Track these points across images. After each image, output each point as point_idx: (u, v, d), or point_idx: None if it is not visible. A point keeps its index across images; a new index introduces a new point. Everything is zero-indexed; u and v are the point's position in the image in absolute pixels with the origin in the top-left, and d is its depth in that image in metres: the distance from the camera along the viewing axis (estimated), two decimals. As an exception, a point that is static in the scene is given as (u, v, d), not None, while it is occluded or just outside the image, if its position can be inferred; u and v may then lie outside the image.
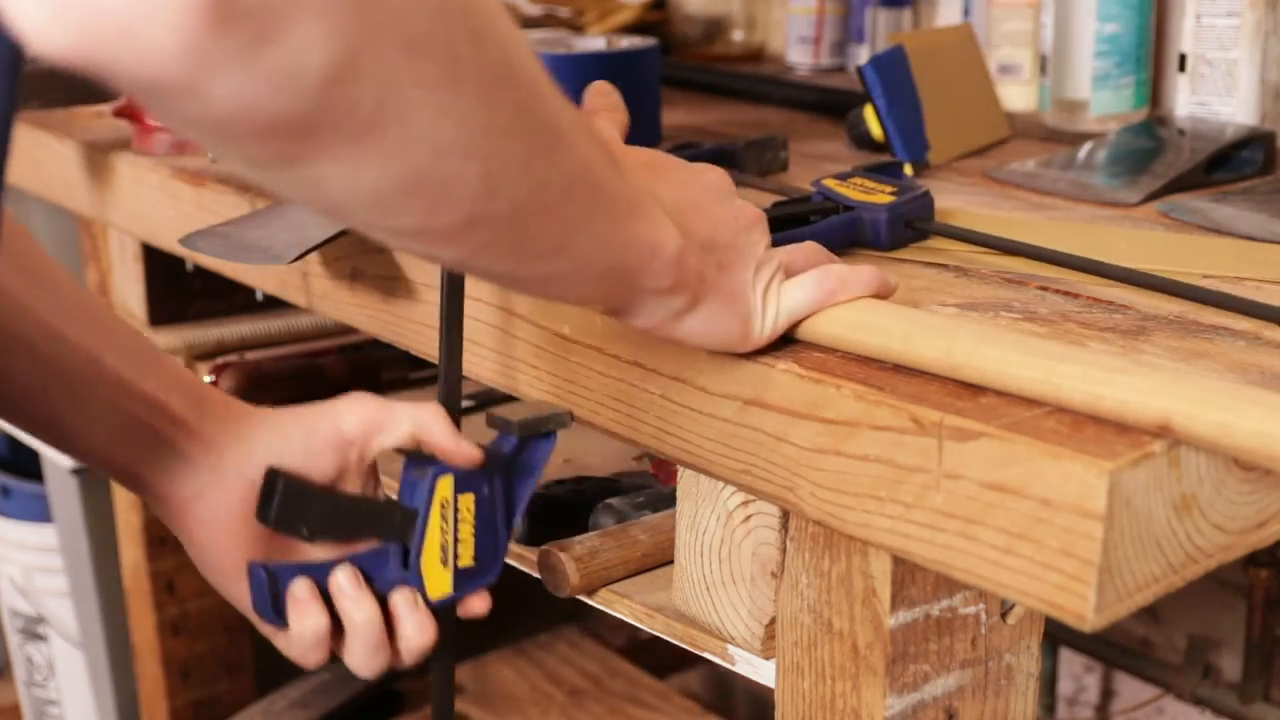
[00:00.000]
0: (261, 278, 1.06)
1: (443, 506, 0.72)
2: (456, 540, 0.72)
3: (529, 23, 1.76)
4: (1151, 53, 1.23)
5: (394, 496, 0.74)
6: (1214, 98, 1.13)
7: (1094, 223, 0.92)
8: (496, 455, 0.73)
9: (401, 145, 0.47)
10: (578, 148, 0.54)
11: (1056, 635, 1.48)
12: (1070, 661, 1.57)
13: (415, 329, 0.90)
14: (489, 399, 1.18)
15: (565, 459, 1.01)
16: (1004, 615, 0.69)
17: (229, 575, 0.72)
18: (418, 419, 0.71)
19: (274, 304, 1.28)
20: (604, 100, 0.74)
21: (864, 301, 0.67)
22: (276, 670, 1.66)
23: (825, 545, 0.67)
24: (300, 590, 0.70)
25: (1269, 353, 0.66)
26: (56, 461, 1.54)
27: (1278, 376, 0.62)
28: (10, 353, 0.70)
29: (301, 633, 0.71)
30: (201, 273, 1.24)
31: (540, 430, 0.73)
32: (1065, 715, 1.59)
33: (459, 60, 0.47)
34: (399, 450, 0.73)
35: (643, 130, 1.16)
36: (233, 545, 0.72)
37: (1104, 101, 1.19)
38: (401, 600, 0.72)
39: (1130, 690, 1.53)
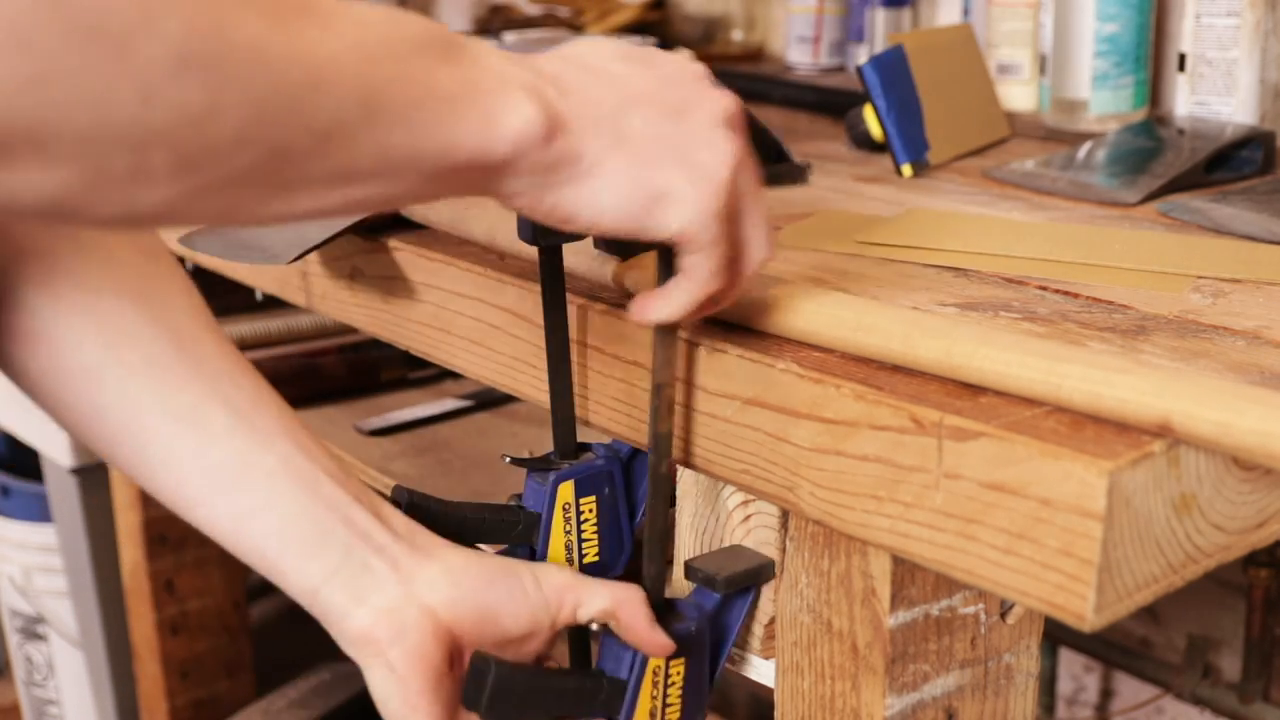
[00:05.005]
0: (261, 277, 1.06)
1: (655, 675, 0.69)
2: (665, 706, 0.70)
3: (529, 23, 1.77)
4: (1151, 52, 1.23)
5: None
6: (1213, 97, 1.13)
7: (1093, 222, 0.92)
8: (699, 616, 0.70)
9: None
10: (319, 53, 0.49)
11: (1056, 635, 1.48)
12: (1070, 661, 1.57)
13: (415, 328, 0.90)
14: (488, 399, 1.18)
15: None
16: (1003, 615, 0.69)
17: (411, 708, 0.68)
18: (617, 598, 0.69)
19: (273, 303, 1.28)
20: None
21: (864, 301, 0.67)
22: (276, 670, 1.66)
23: (825, 545, 0.67)
24: None
25: (1269, 353, 0.66)
26: (56, 461, 1.54)
27: (1278, 376, 0.62)
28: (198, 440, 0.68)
29: None
30: (201, 272, 1.24)
31: (744, 585, 0.70)
32: (1065, 715, 1.59)
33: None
34: (593, 625, 0.70)
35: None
36: (421, 672, 0.67)
37: (1103, 101, 1.19)
38: None
39: (1130, 690, 1.53)
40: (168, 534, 1.51)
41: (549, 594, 0.69)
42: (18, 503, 1.64)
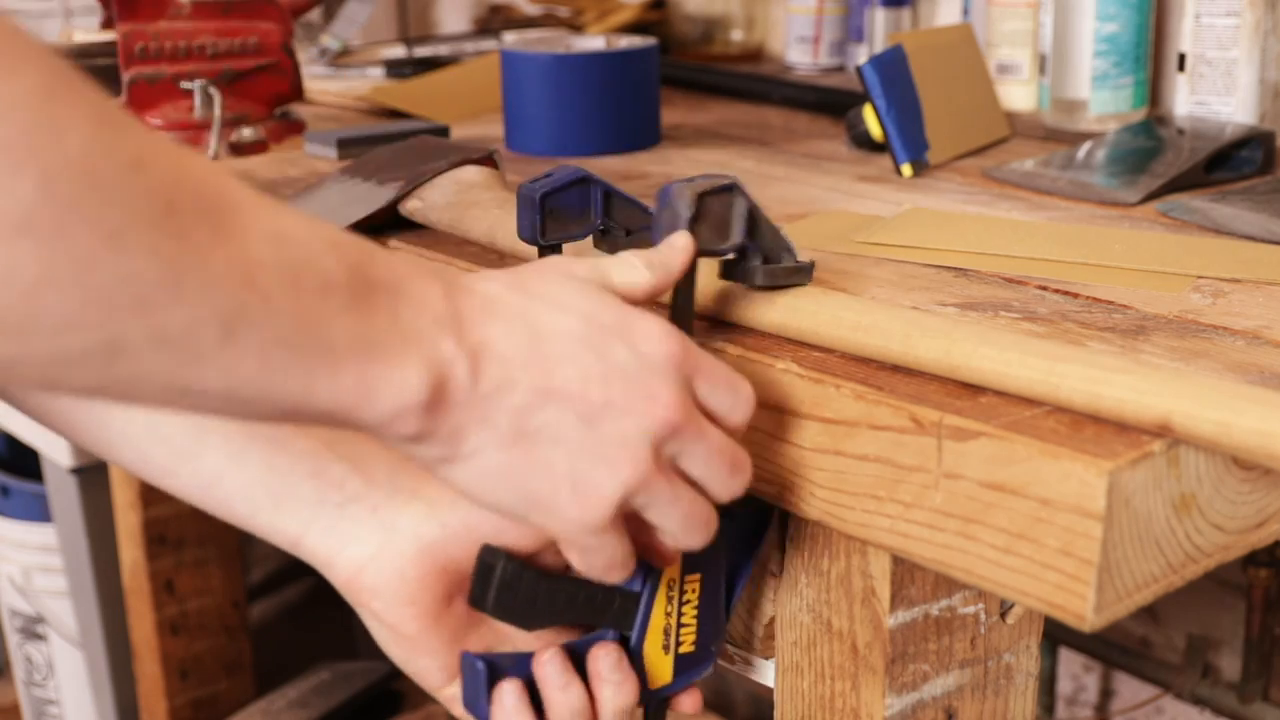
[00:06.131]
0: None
1: (669, 588, 0.65)
2: (680, 625, 0.66)
3: (529, 22, 1.77)
4: (1151, 52, 1.23)
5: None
6: (1213, 97, 1.13)
7: (1093, 222, 0.92)
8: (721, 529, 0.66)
9: None
10: (198, 279, 0.45)
11: (1056, 635, 1.48)
12: (1069, 661, 1.57)
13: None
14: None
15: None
16: (1003, 615, 0.69)
17: (410, 648, 0.66)
18: None
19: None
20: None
21: (864, 301, 0.67)
22: (276, 670, 1.66)
23: (824, 545, 0.68)
24: (509, 697, 0.64)
25: (1269, 353, 0.66)
26: (56, 461, 1.54)
27: (1277, 376, 0.62)
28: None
29: None
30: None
31: (760, 505, 0.68)
32: (1064, 715, 1.59)
33: None
34: None
35: (642, 130, 1.17)
36: (413, 616, 0.65)
37: (1103, 101, 1.19)
38: (604, 658, 0.65)
39: (1129, 690, 1.53)
40: (167, 534, 1.51)
41: None
42: (18, 503, 1.64)
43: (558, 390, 0.54)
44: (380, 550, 0.65)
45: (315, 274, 0.49)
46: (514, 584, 0.63)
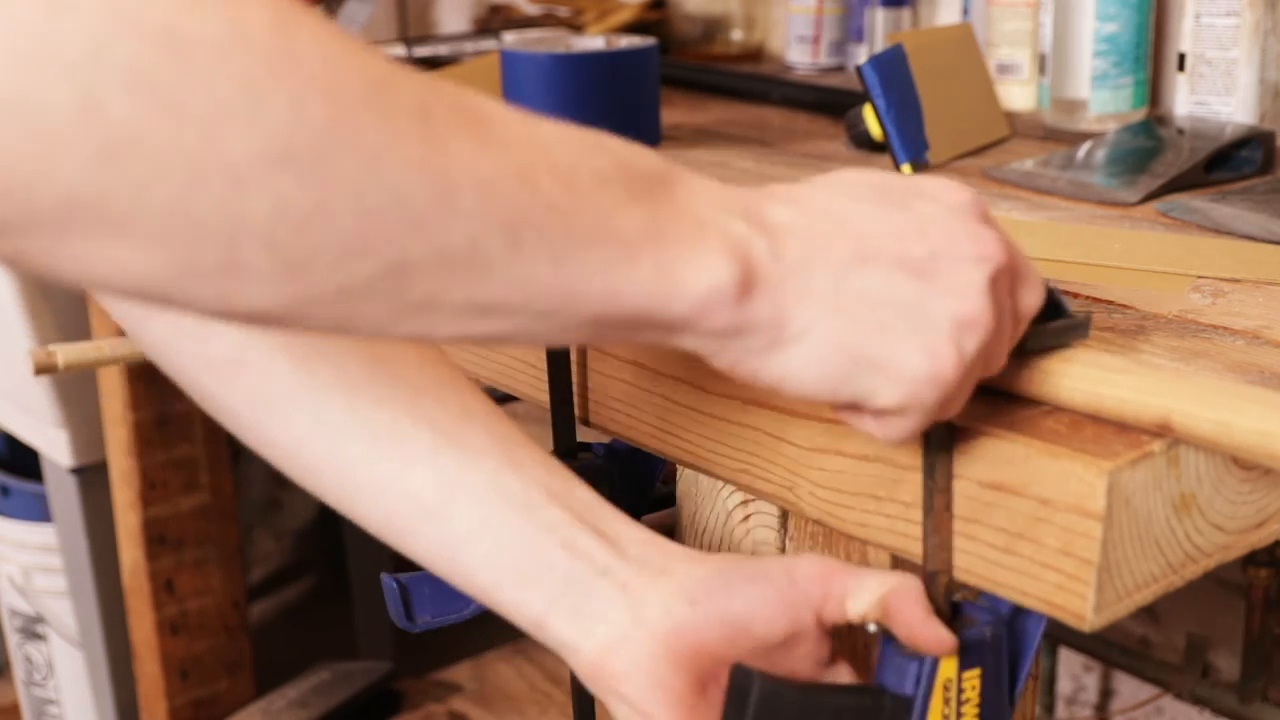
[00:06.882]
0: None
1: (945, 690, 0.58)
2: None
3: (529, 22, 1.77)
4: (1151, 52, 1.23)
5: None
6: (1213, 97, 1.13)
7: (1093, 222, 0.92)
8: (992, 620, 0.60)
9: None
10: (488, 182, 0.44)
11: (1056, 635, 1.48)
12: (1069, 661, 1.57)
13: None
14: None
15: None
16: (1003, 615, 0.69)
17: None
18: (890, 586, 0.58)
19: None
20: None
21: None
22: (276, 670, 1.66)
23: (824, 544, 0.67)
24: None
25: (1269, 352, 0.66)
26: (56, 461, 1.54)
27: (1277, 376, 0.62)
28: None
29: None
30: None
31: None
32: (1064, 715, 1.59)
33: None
34: (866, 622, 0.60)
35: (642, 130, 1.17)
36: (666, 704, 0.59)
37: (1103, 101, 1.19)
38: None
39: (1129, 690, 1.53)
40: (167, 534, 1.51)
41: (807, 587, 0.59)
42: (18, 503, 1.64)
43: (874, 253, 0.51)
44: (631, 631, 0.60)
45: (589, 171, 0.47)
46: (772, 703, 0.57)
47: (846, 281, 0.51)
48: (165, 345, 0.66)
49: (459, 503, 0.62)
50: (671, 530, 0.77)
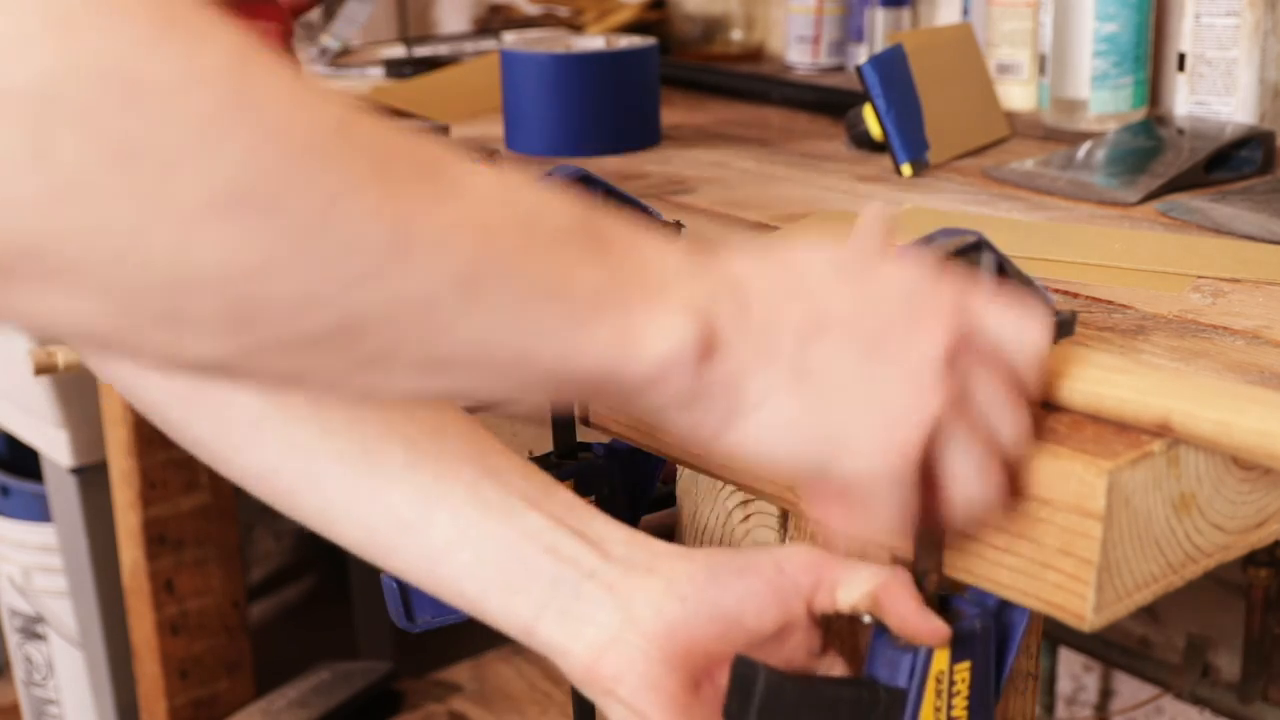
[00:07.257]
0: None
1: (938, 681, 0.59)
2: (950, 719, 0.60)
3: (529, 22, 1.77)
4: (1150, 52, 1.23)
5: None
6: (1213, 97, 1.13)
7: (1093, 222, 0.92)
8: (981, 613, 0.61)
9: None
10: (442, 235, 0.43)
11: (1055, 635, 1.48)
12: (1069, 661, 1.57)
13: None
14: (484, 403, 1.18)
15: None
16: (1003, 615, 0.69)
17: None
18: (881, 577, 0.59)
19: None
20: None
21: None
22: (276, 670, 1.66)
23: (824, 544, 0.67)
24: None
25: (1269, 352, 0.66)
26: (56, 461, 1.54)
27: (1277, 376, 0.62)
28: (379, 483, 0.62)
29: None
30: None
31: None
32: (1064, 715, 1.59)
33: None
34: (858, 613, 0.60)
35: (642, 130, 1.17)
36: (660, 704, 0.59)
37: (1103, 101, 1.19)
38: None
39: (1129, 690, 1.53)
40: (167, 534, 1.51)
41: (796, 576, 0.60)
42: (17, 502, 1.64)
43: (832, 319, 0.50)
44: (621, 632, 0.59)
45: (546, 226, 0.46)
46: (776, 696, 0.57)
47: (805, 353, 0.50)
48: (132, 380, 0.66)
49: (437, 515, 0.62)
50: (672, 530, 0.77)
